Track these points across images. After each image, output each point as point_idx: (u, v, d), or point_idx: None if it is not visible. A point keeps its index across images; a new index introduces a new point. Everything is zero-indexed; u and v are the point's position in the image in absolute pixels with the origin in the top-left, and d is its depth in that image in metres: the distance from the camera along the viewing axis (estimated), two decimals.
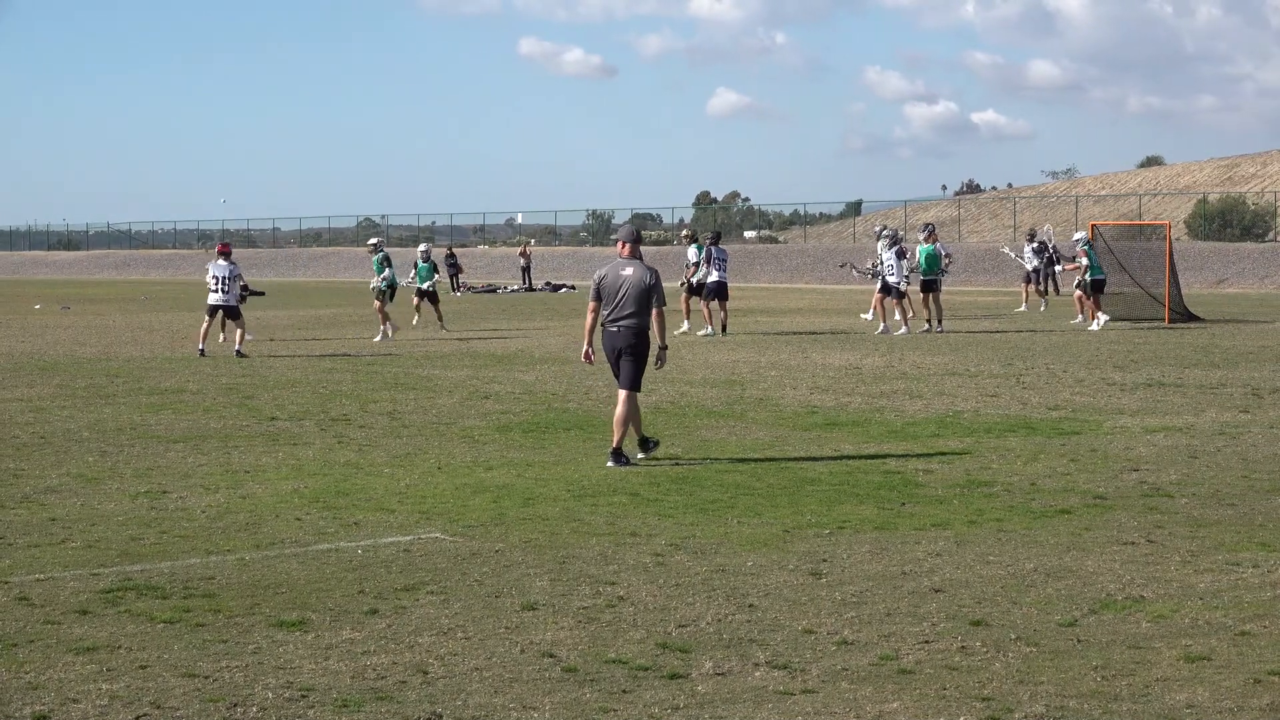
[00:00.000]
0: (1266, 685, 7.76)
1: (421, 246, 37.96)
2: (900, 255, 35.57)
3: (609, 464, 15.12)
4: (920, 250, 36.97)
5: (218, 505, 13.04)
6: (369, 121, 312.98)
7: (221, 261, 29.73)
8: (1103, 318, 36.45)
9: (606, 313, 15.54)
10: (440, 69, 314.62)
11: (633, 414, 15.45)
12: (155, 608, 9.43)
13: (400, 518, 12.44)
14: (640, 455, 15.53)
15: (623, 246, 15.82)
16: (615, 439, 15.32)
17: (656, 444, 15.76)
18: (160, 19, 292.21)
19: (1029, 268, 47.65)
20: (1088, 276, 37.00)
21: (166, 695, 7.67)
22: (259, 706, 7.51)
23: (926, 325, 35.79)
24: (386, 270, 34.83)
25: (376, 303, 34.82)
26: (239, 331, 29.71)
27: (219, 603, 9.57)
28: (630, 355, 15.46)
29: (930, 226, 38.76)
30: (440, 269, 34.94)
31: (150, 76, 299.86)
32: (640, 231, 16.31)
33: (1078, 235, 38.23)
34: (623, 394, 15.44)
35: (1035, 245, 48.24)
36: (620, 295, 15.46)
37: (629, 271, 15.52)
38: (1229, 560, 10.70)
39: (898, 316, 35.69)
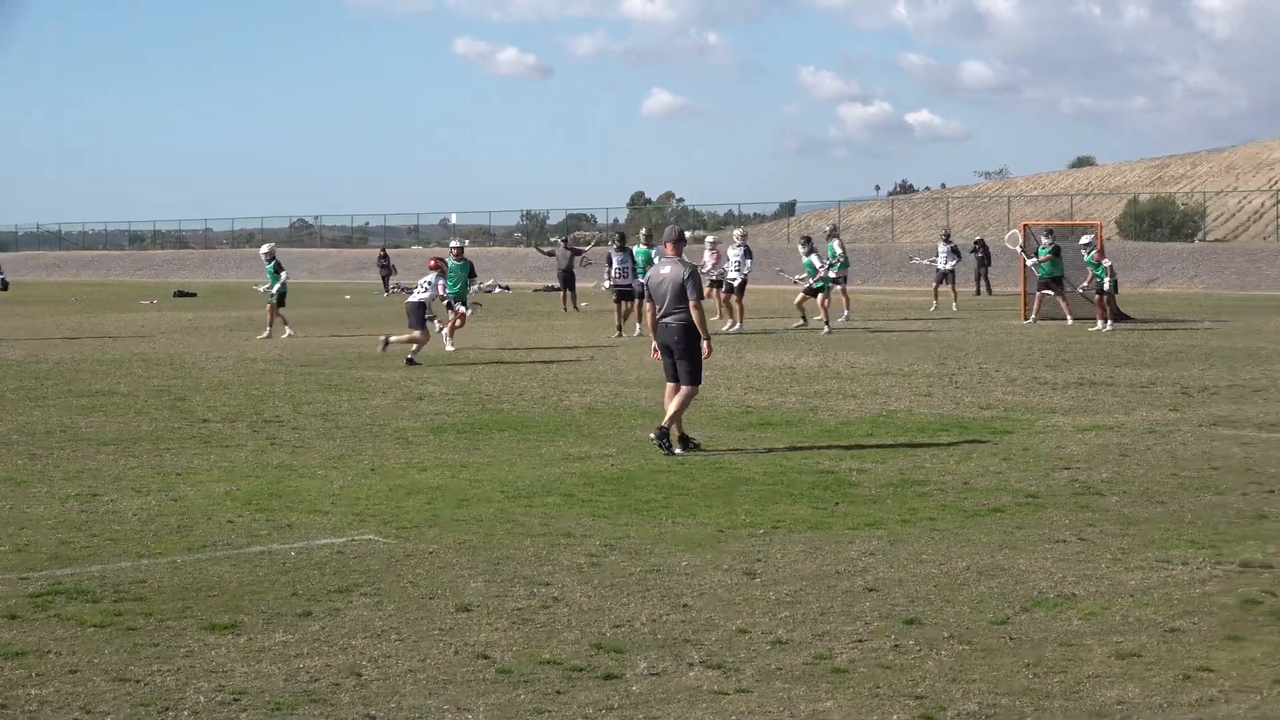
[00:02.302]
0: (1196, 681, 7.81)
1: (264, 248, 37.42)
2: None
3: (651, 436, 16.26)
4: (829, 248, 37.72)
5: (149, 508, 12.96)
6: (302, 122, 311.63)
7: None
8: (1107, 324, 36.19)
9: (658, 310, 16.43)
10: (373, 69, 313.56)
11: (684, 408, 16.28)
12: (85, 612, 9.36)
13: (334, 519, 12.40)
14: (679, 450, 15.99)
15: (667, 247, 16.83)
16: (665, 419, 16.17)
17: (667, 446, 15.98)
18: (88, 18, 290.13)
19: (944, 269, 47.79)
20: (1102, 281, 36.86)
21: (97, 700, 7.62)
22: (190, 710, 7.47)
23: (801, 322, 36.15)
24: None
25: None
26: None
27: (150, 606, 9.51)
28: (682, 353, 16.34)
29: (833, 227, 39.47)
30: (281, 270, 34.74)
31: (79, 77, 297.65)
32: (683, 231, 17.26)
33: (1085, 239, 37.79)
34: (681, 387, 16.23)
35: (950, 247, 48.52)
36: (663, 293, 16.38)
37: (667, 270, 16.47)
38: (1159, 558, 10.78)
39: (819, 316, 36.24)
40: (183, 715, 7.41)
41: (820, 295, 35.89)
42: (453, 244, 34.49)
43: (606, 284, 37.73)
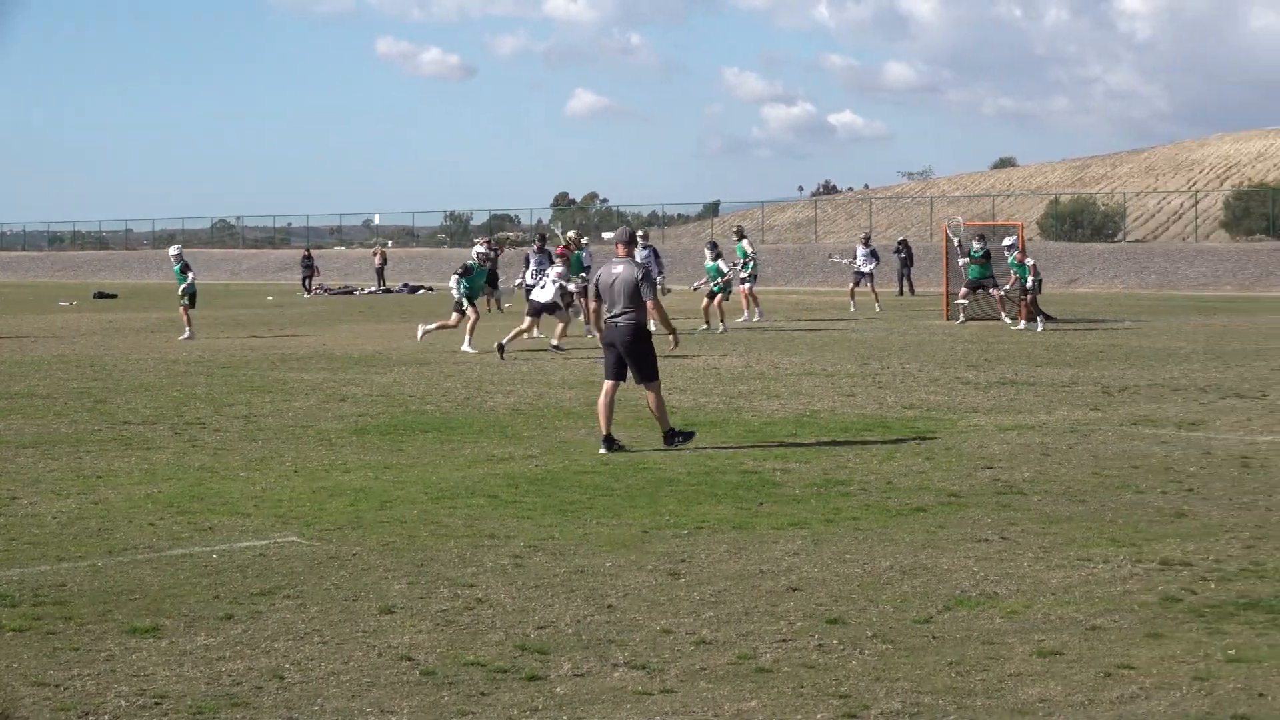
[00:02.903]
0: (1116, 679, 7.87)
1: (173, 249, 37.15)
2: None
3: (601, 453, 15.98)
4: (738, 249, 38.10)
5: (69, 511, 12.84)
6: (223, 122, 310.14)
7: None
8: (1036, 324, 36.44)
9: (606, 309, 16.61)
10: (295, 69, 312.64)
11: (663, 405, 16.59)
12: (4, 616, 9.27)
13: (256, 522, 12.33)
14: (602, 450, 16.09)
15: (619, 248, 17.01)
16: (662, 425, 16.46)
17: (622, 448, 16.20)
18: (13, 15, 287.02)
19: (862, 271, 47.95)
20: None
21: (15, 705, 7.54)
22: (111, 715, 7.41)
23: (707, 325, 36.29)
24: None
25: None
26: None
27: (70, 610, 9.43)
28: (632, 352, 16.50)
29: (740, 229, 40.05)
30: (189, 270, 34.68)
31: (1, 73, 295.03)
32: (634, 233, 17.55)
33: (1007, 240, 37.94)
34: (646, 390, 16.53)
35: (869, 250, 48.75)
36: (613, 293, 16.52)
37: (619, 269, 16.60)
38: (1080, 556, 10.85)
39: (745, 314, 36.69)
40: None
41: (719, 296, 36.16)
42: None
43: (516, 282, 37.72)
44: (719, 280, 36.32)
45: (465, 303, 31.38)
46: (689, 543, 11.41)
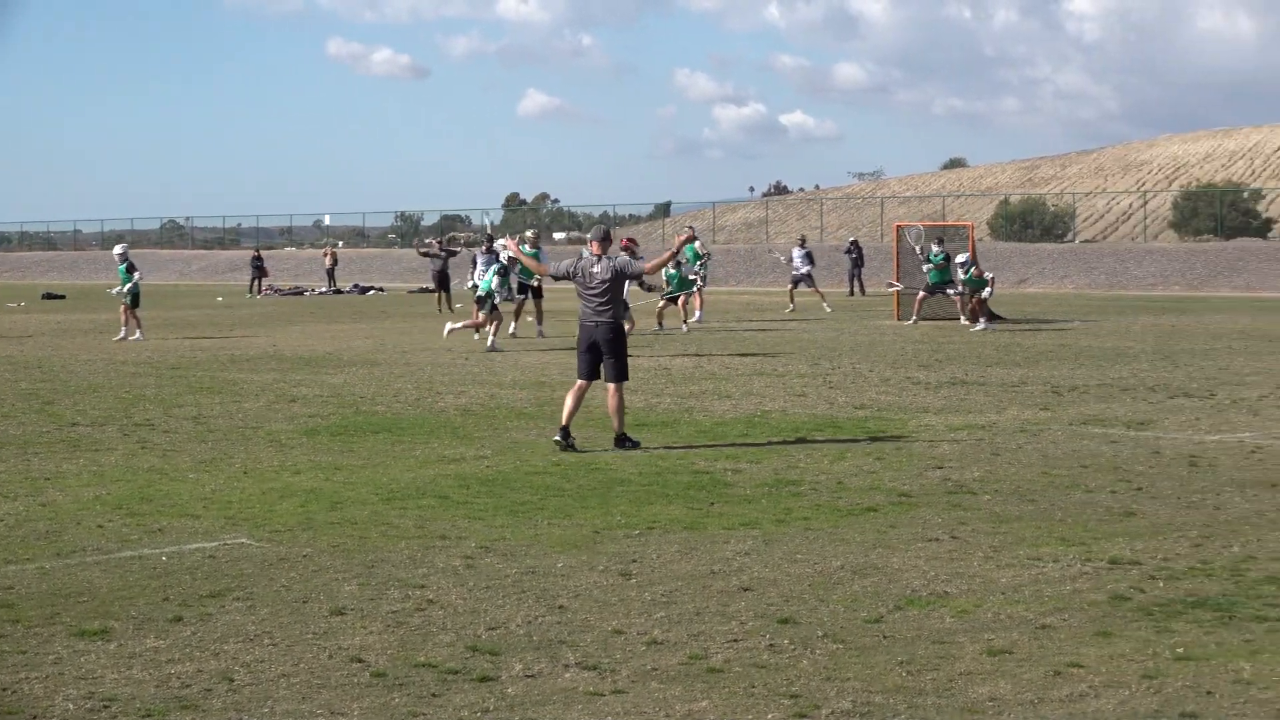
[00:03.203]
0: (1066, 677, 7.90)
1: (117, 249, 36.95)
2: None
3: (615, 449, 16.13)
4: (689, 251, 38.23)
5: (16, 513, 12.77)
6: (173, 122, 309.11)
7: None
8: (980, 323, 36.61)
9: (581, 309, 16.64)
10: (246, 69, 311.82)
11: (623, 404, 16.51)
12: None
13: (205, 523, 12.28)
14: (557, 439, 16.31)
15: (593, 245, 16.84)
16: (615, 426, 16.37)
17: (573, 447, 16.23)
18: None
19: (799, 272, 47.99)
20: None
21: None
22: (60, 718, 7.37)
23: (660, 327, 36.52)
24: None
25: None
26: None
27: (18, 613, 9.37)
28: (610, 351, 16.46)
29: (691, 228, 40.12)
30: (134, 270, 34.60)
31: None
32: (609, 230, 17.29)
33: (961, 258, 38.07)
34: (611, 386, 16.42)
35: (805, 252, 48.84)
36: (592, 293, 16.48)
37: (597, 269, 16.55)
38: (1030, 555, 10.89)
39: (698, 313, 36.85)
40: None
41: (681, 297, 36.54)
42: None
43: (468, 285, 37.59)
44: (690, 276, 36.86)
45: (497, 298, 31.46)
46: (640, 543, 11.41)
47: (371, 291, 72.23)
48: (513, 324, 34.50)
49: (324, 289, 72.92)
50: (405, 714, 7.43)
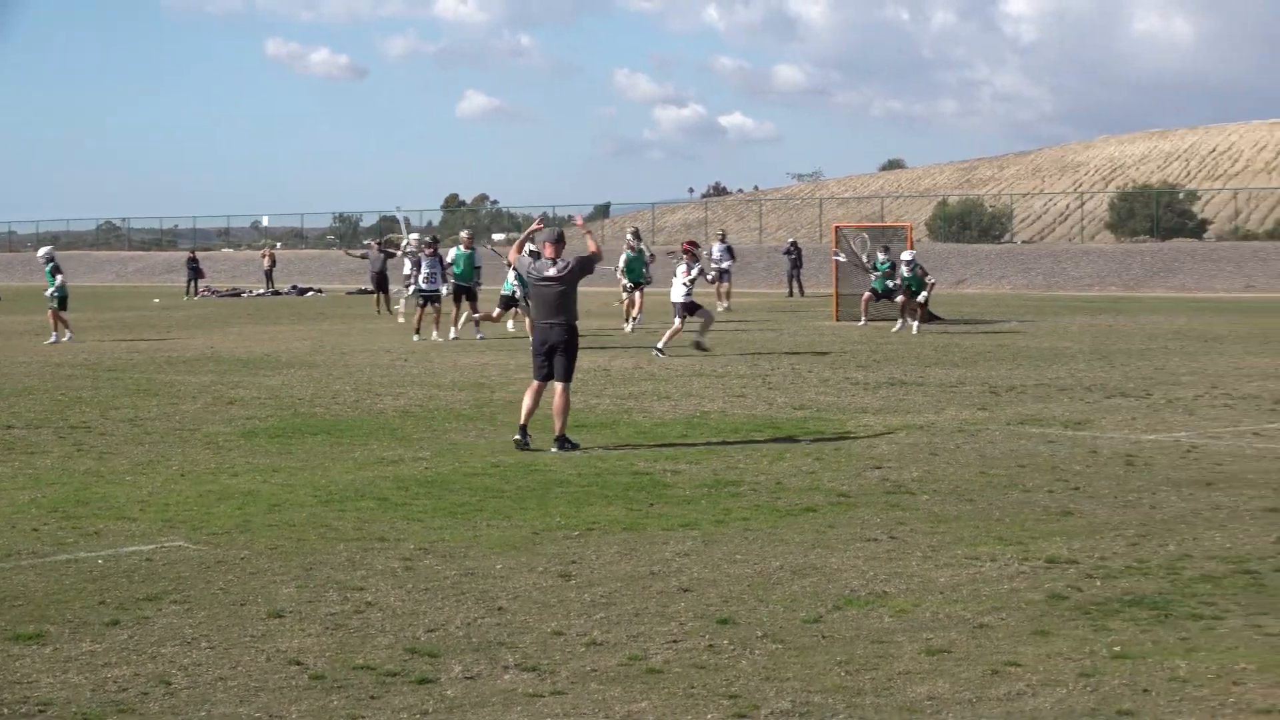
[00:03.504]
0: (1004, 676, 7.93)
1: (41, 251, 36.77)
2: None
3: (554, 450, 16.08)
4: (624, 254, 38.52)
5: None
6: (109, 122, 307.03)
7: None
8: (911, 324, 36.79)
9: (536, 312, 16.73)
10: (184, 69, 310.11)
11: (568, 405, 16.59)
12: None
13: (142, 526, 12.21)
14: (516, 438, 16.43)
15: (546, 248, 16.84)
16: (556, 427, 16.30)
17: (527, 446, 16.33)
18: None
19: (723, 267, 48.03)
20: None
21: None
22: None
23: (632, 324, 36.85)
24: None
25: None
26: None
27: None
28: (564, 351, 16.50)
29: (636, 230, 40.45)
30: (59, 273, 34.43)
31: None
32: (562, 232, 17.29)
33: (906, 255, 38.19)
34: (559, 386, 16.46)
35: (725, 247, 48.91)
36: (548, 296, 16.55)
37: (551, 271, 16.59)
38: (968, 555, 10.93)
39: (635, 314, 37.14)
40: None
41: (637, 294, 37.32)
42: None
43: (411, 289, 37.51)
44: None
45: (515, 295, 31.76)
46: (580, 544, 11.41)
47: (310, 293, 71.91)
48: (452, 328, 34.42)
49: (262, 290, 72.56)
50: (344, 716, 7.40)
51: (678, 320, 29.84)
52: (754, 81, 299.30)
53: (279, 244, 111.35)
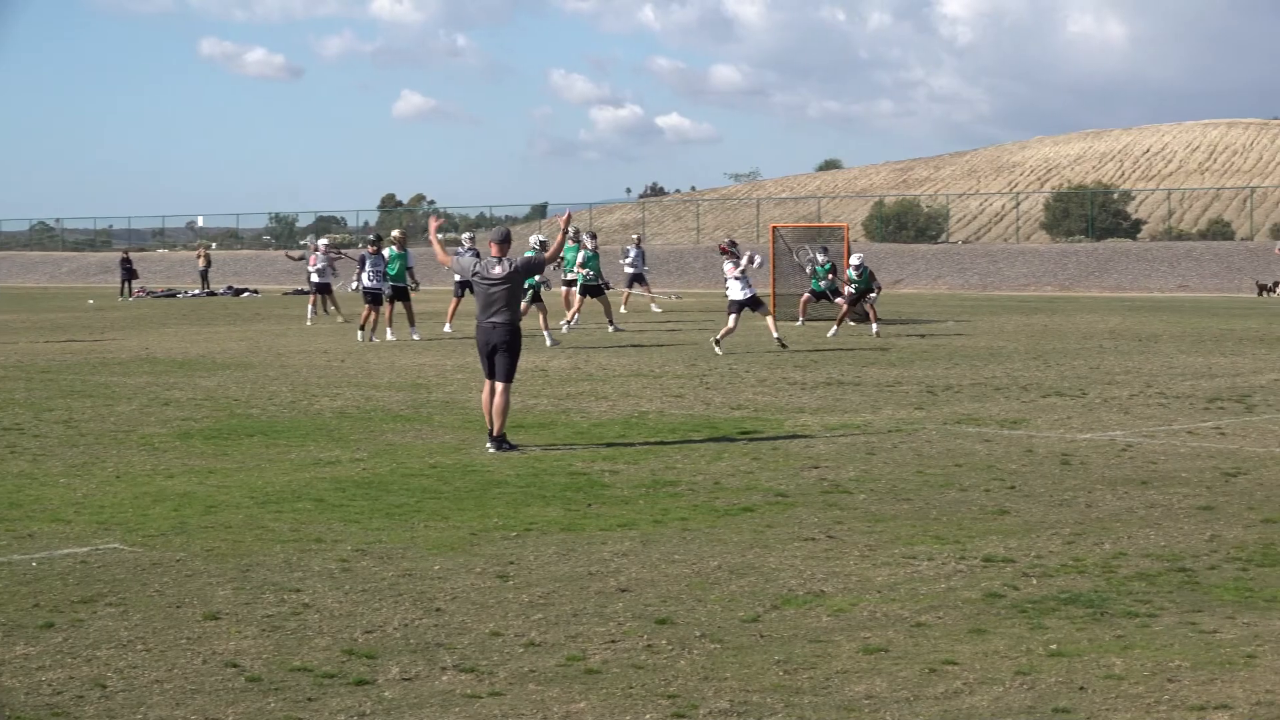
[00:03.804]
0: (941, 674, 7.96)
1: None
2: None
3: (489, 449, 16.12)
4: (582, 253, 38.44)
5: None
6: (42, 121, 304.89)
7: None
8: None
9: (480, 311, 16.52)
10: (116, 69, 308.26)
11: (508, 405, 16.49)
12: None
13: (77, 528, 12.12)
14: (491, 447, 16.25)
15: (492, 247, 16.76)
16: (495, 427, 16.27)
17: (514, 447, 16.33)
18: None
19: (633, 271, 48.04)
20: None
21: None
22: None
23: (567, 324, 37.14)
24: None
25: None
26: None
27: None
28: (505, 350, 16.44)
29: (591, 233, 40.39)
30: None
31: None
32: (509, 231, 17.37)
33: (855, 259, 38.33)
34: (499, 386, 16.35)
35: (639, 251, 48.96)
36: (492, 294, 16.41)
37: (497, 270, 16.48)
38: (905, 554, 10.97)
39: (569, 315, 37.16)
40: None
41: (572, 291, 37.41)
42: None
43: (354, 286, 37.42)
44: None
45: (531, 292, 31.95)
46: (517, 545, 11.39)
47: (246, 294, 71.63)
48: (388, 330, 34.35)
49: (197, 291, 72.21)
50: (281, 718, 7.37)
51: (732, 319, 29.83)
52: (691, 82, 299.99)
53: (214, 244, 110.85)
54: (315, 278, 44.13)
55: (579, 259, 38.03)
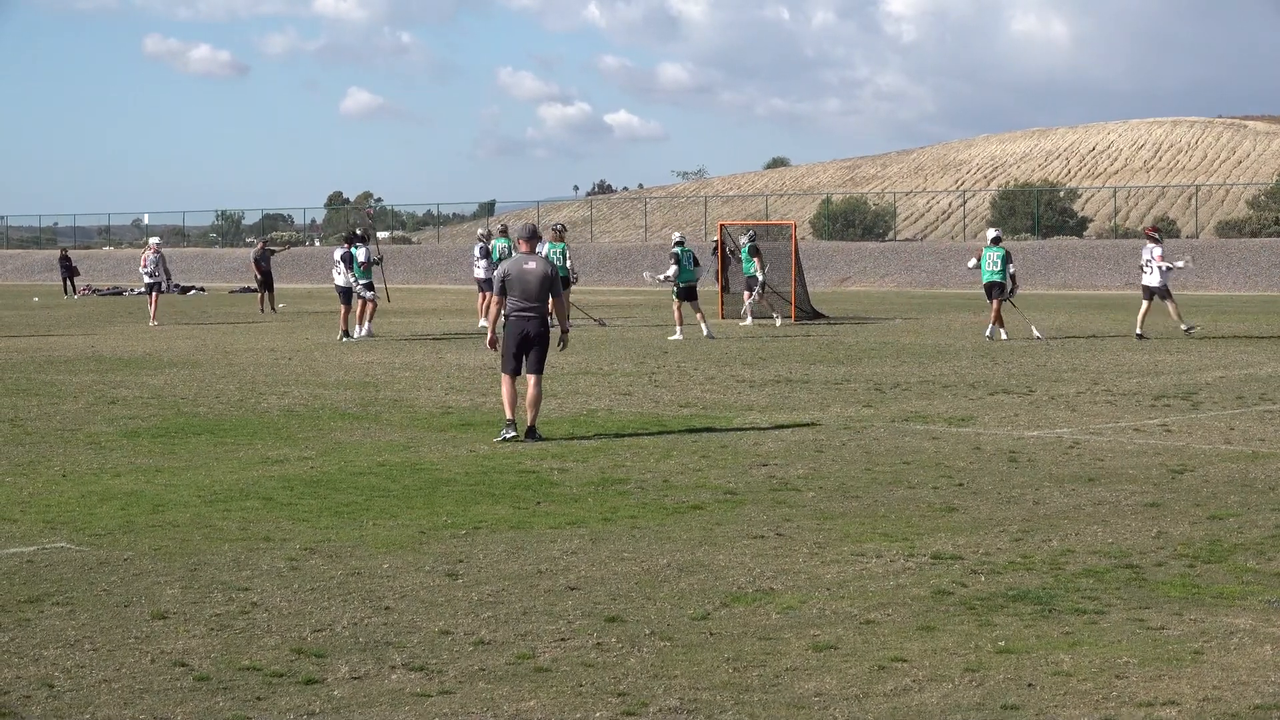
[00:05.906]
0: (890, 671, 7.99)
1: None
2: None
3: (502, 438, 16.69)
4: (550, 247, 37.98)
5: None
6: None
7: None
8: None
9: (514, 304, 17.04)
10: (60, 66, 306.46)
11: (540, 396, 17.13)
12: None
13: (23, 528, 12.05)
14: (523, 438, 16.72)
15: (521, 244, 17.34)
16: (530, 418, 16.90)
17: (541, 437, 16.86)
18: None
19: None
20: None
21: None
22: None
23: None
24: None
25: None
26: None
27: None
28: (538, 343, 17.11)
29: (561, 225, 39.75)
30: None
31: None
32: (536, 228, 17.74)
33: (743, 238, 38.65)
34: (532, 378, 17.00)
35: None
36: (526, 288, 16.96)
37: (531, 265, 17.02)
38: (854, 551, 11.00)
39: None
40: None
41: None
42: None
43: (339, 282, 37.24)
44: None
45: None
46: (467, 543, 11.38)
47: (192, 291, 71.26)
48: (357, 328, 34.19)
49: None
50: (230, 718, 7.34)
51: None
52: (638, 80, 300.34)
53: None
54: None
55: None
